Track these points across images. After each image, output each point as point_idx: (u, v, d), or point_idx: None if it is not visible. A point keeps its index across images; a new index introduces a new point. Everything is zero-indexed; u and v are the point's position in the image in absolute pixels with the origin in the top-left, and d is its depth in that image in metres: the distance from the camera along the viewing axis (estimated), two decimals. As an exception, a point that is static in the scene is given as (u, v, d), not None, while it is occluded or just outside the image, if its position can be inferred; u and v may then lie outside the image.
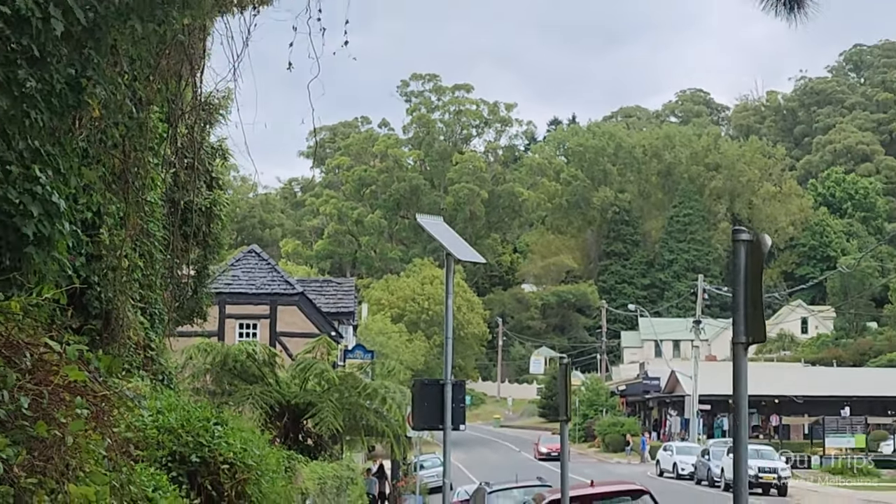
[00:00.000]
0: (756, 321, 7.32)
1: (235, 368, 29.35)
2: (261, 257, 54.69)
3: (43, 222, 7.48)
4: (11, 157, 7.45)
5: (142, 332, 18.63)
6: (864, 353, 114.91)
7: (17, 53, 7.30)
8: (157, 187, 19.05)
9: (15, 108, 7.31)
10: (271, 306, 49.99)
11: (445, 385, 24.46)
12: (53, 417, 4.70)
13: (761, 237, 7.46)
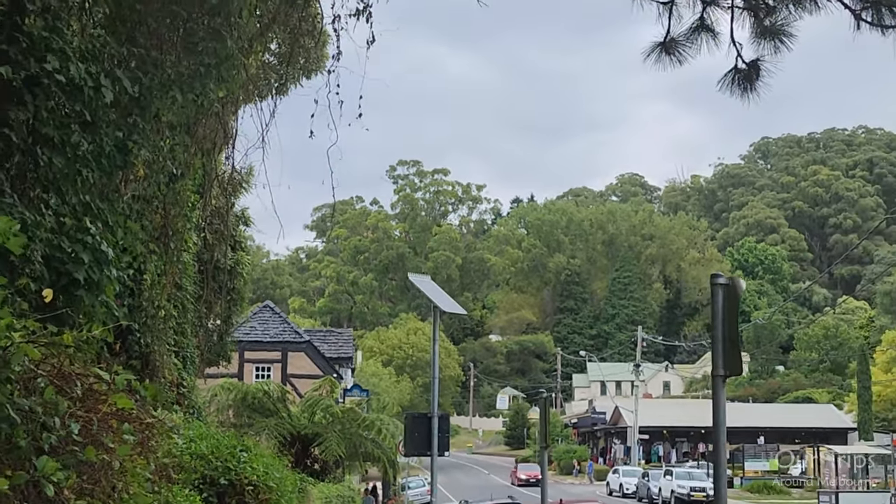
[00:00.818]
0: (732, 356, 6.83)
1: (254, 404, 28.93)
2: (274, 311, 54.50)
3: (92, 268, 6.97)
4: (65, 211, 7.00)
5: (175, 372, 18.21)
6: (774, 391, 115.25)
7: (71, 118, 6.91)
8: (190, 248, 18.60)
9: (69, 167, 6.91)
10: (283, 352, 49.62)
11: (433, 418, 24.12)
12: (102, 443, 4.17)
13: (736, 281, 6.99)
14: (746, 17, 10.02)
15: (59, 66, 6.81)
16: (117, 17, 7.51)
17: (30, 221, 6.60)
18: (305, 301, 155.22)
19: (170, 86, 7.64)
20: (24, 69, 6.73)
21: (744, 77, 10.07)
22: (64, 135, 6.95)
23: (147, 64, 7.58)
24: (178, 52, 7.67)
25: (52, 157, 6.93)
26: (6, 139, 6.71)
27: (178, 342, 18.74)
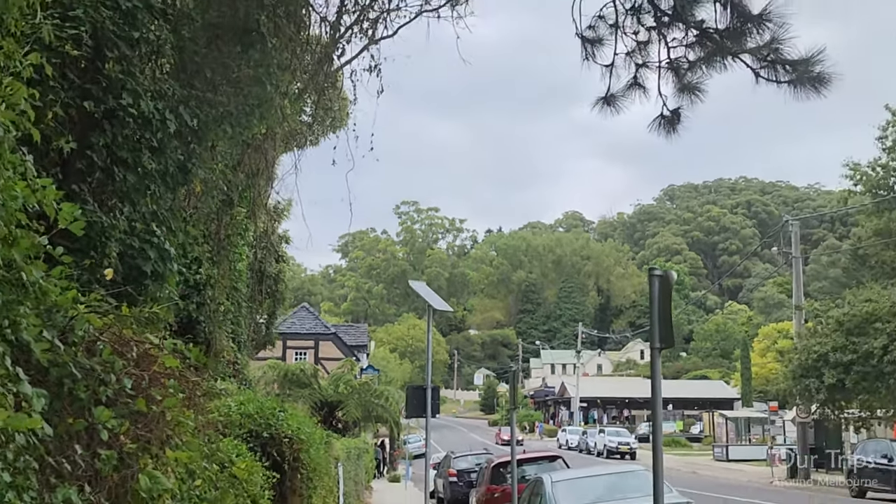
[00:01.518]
0: (667, 331, 6.33)
1: (292, 378, 28.45)
2: (309, 311, 54.24)
3: (157, 263, 6.48)
4: (136, 217, 6.49)
5: (232, 353, 17.74)
6: (679, 371, 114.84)
7: (142, 144, 6.44)
8: (244, 260, 18.12)
9: (139, 183, 6.44)
10: (315, 341, 49.19)
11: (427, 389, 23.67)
12: (151, 396, 3.66)
13: (668, 273, 6.51)
14: (670, 75, 9.60)
15: (132, 102, 6.40)
16: (180, 66, 7.04)
17: (106, 224, 6.15)
18: (333, 304, 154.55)
19: (221, 121, 7.19)
20: (103, 104, 6.31)
21: (668, 122, 9.61)
22: (136, 157, 6.52)
23: (203, 103, 7.11)
24: (228, 95, 7.21)
25: (126, 175, 6.48)
26: (89, 159, 6.27)
27: (234, 330, 18.27)
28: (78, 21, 6.08)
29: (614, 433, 63.13)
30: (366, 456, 32.15)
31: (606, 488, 13.16)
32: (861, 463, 31.01)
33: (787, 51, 8.43)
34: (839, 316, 35.38)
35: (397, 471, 44.47)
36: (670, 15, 9.00)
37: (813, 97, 8.86)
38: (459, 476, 30.65)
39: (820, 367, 34.66)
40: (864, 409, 38.42)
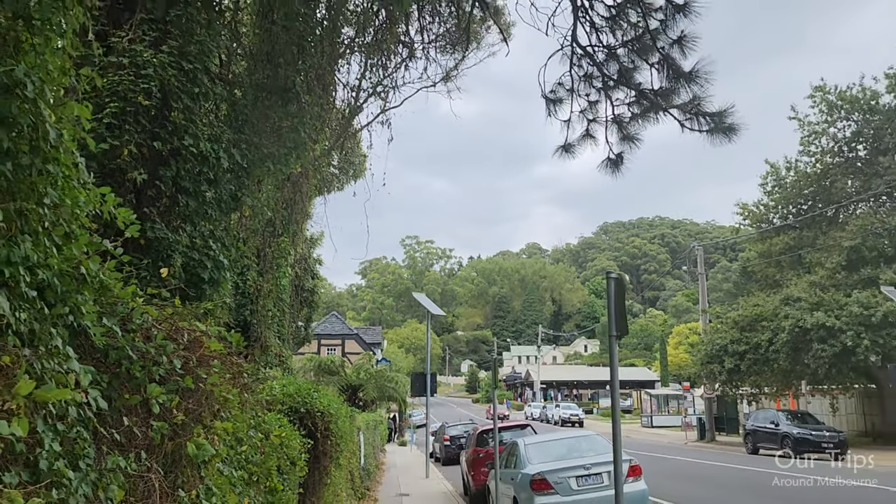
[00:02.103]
0: (621, 322, 5.86)
1: (324, 368, 27.75)
2: (337, 317, 53.59)
3: (213, 271, 5.98)
4: (197, 235, 5.95)
5: (278, 348, 17.14)
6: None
7: (201, 176, 5.94)
8: (286, 277, 17.59)
9: (199, 208, 5.96)
10: (342, 339, 48.52)
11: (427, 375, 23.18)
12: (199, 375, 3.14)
13: (622, 276, 6.05)
14: (615, 127, 9.21)
15: (193, 143, 5.93)
16: (232, 115, 6.58)
17: (171, 239, 5.64)
18: (355, 313, 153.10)
19: (265, 160, 6.73)
20: (169, 144, 5.88)
21: (613, 164, 9.20)
22: (196, 187, 6.05)
23: (251, 146, 6.65)
24: (270, 139, 6.76)
25: (188, 201, 6.01)
26: (157, 188, 5.81)
27: (279, 331, 17.72)
28: (148, 78, 5.63)
29: (566, 407, 63.75)
30: (381, 426, 31.53)
31: (567, 449, 12.69)
32: (754, 428, 30.44)
33: (706, 106, 8.06)
34: (735, 317, 35.01)
35: (405, 437, 43.79)
36: (615, 79, 8.62)
37: (725, 143, 8.49)
38: (452, 441, 30.20)
39: (721, 355, 34.24)
40: (755, 387, 37.99)
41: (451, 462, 28.72)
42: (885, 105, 34.17)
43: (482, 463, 16.50)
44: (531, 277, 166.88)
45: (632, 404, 77.75)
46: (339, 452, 11.16)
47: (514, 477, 12.39)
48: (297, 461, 8.03)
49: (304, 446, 8.55)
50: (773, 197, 38.93)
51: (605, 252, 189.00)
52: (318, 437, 9.80)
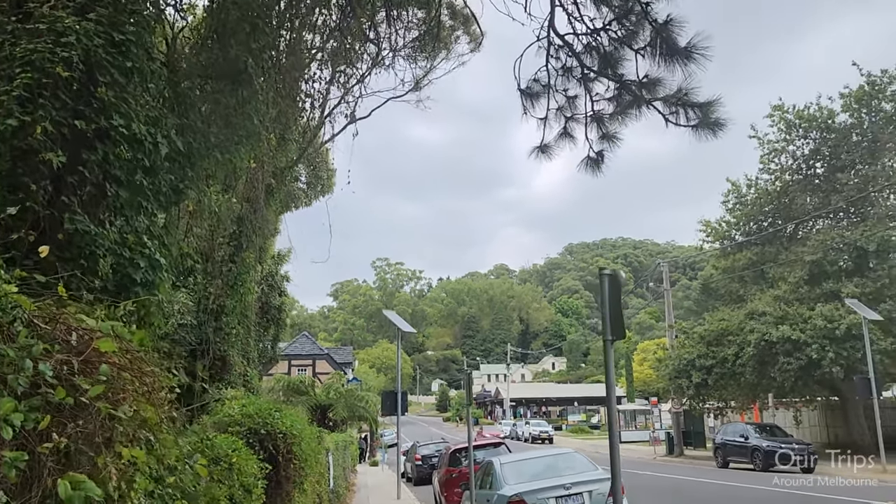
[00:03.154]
0: (617, 325, 5.01)
1: (294, 388, 26.42)
2: (308, 338, 52.16)
3: (147, 272, 4.97)
4: (129, 231, 4.97)
5: (242, 367, 16.03)
6: (581, 376, 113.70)
7: (134, 164, 5.00)
8: (252, 293, 16.51)
9: (132, 199, 5.01)
10: (313, 360, 47.10)
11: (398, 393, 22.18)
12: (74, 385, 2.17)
13: (617, 273, 5.21)
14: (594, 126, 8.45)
15: (124, 124, 4.95)
16: (174, 98, 5.63)
17: (94, 233, 4.67)
18: (327, 334, 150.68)
19: (211, 149, 5.77)
20: (94, 123, 4.88)
21: (593, 162, 8.42)
22: (129, 175, 5.11)
23: (196, 132, 5.70)
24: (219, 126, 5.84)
25: (118, 191, 5.00)
26: (80, 175, 4.80)
27: (244, 349, 16.59)
28: (69, 46, 4.70)
29: (536, 424, 63.06)
30: (351, 446, 30.36)
31: (545, 467, 11.80)
32: (724, 441, 29.80)
33: (694, 96, 7.33)
34: (701, 332, 34.55)
35: (376, 457, 42.52)
36: (595, 70, 7.86)
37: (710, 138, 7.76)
38: (423, 460, 29.20)
39: (689, 370, 33.71)
40: (721, 401, 37.51)
41: (422, 482, 27.63)
42: (841, 123, 34.23)
43: (455, 483, 15.50)
44: (499, 297, 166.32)
45: (600, 420, 77.13)
46: (304, 477, 10.15)
47: (490, 498, 11.44)
48: (253, 488, 7.03)
49: (262, 471, 7.57)
50: (735, 214, 38.76)
51: (570, 272, 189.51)
52: (279, 461, 8.85)
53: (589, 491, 10.55)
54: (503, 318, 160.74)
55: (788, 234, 36.99)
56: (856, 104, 33.61)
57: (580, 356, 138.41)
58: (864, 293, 29.32)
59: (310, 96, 14.25)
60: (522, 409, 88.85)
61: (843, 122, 34.20)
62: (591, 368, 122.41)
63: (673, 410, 40.00)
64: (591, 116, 8.42)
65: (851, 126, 34.07)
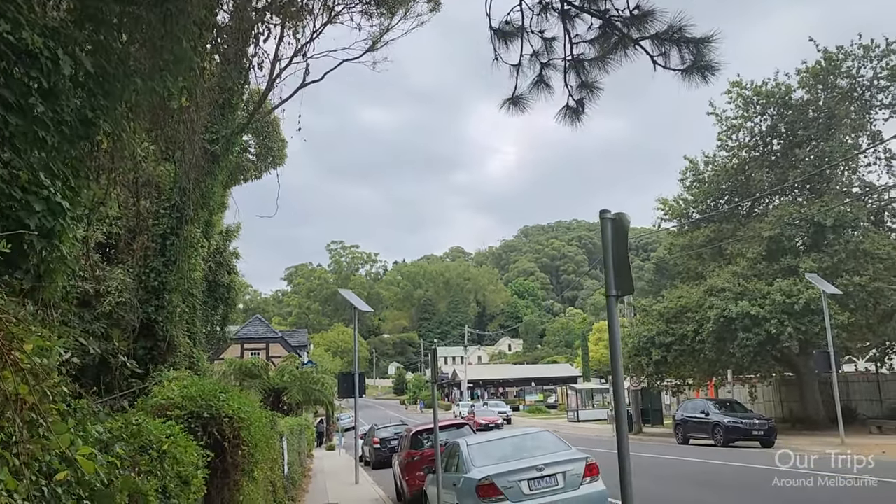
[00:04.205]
0: (624, 277, 4.22)
1: (246, 371, 25.18)
2: (261, 321, 50.63)
3: (46, 217, 3.95)
4: (21, 165, 3.94)
5: (188, 348, 14.92)
6: (537, 357, 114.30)
7: (28, 84, 3.96)
8: (198, 269, 15.37)
9: (26, 128, 3.98)
10: (266, 343, 45.71)
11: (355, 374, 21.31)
12: None
13: (622, 216, 4.39)
14: (573, 73, 7.65)
15: (12, 30, 3.90)
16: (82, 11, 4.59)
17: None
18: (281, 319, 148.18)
19: (131, 74, 4.75)
20: (-27, 28, 3.75)
21: (573, 112, 7.63)
22: (21, 98, 4.06)
23: (111, 53, 4.67)
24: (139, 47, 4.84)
25: (6, 116, 3.93)
26: (-44, 93, 3.71)
27: (190, 329, 15.49)
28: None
29: (494, 405, 62.34)
30: (307, 431, 29.40)
31: (514, 448, 11.09)
32: (684, 417, 29.68)
33: (687, 32, 6.57)
34: (661, 309, 34.43)
35: (333, 441, 41.65)
36: (577, 6, 7.04)
37: (700, 84, 7.01)
38: (382, 443, 28.46)
39: (649, 347, 33.60)
40: (678, 379, 37.58)
41: (381, 466, 26.88)
42: (798, 100, 34.23)
43: (417, 467, 14.72)
44: (455, 280, 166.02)
45: (556, 400, 77.43)
46: (254, 463, 9.21)
47: (457, 482, 10.68)
48: (192, 479, 6.09)
49: (203, 459, 6.64)
50: (693, 192, 38.63)
51: (526, 254, 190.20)
52: (225, 448, 7.91)
53: (563, 472, 9.87)
54: (459, 301, 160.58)
55: (746, 210, 37.04)
56: (812, 80, 33.63)
57: (536, 337, 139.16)
58: (821, 268, 29.41)
59: (257, 56, 13.18)
60: (480, 390, 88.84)
61: (801, 99, 34.21)
62: (547, 349, 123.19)
63: (632, 388, 39.97)
64: (571, 62, 7.60)
65: (808, 102, 34.10)
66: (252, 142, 18.90)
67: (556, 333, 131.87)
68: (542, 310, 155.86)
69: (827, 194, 32.40)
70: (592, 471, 10.05)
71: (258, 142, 18.70)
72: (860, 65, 32.98)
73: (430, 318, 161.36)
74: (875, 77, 32.86)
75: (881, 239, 31.71)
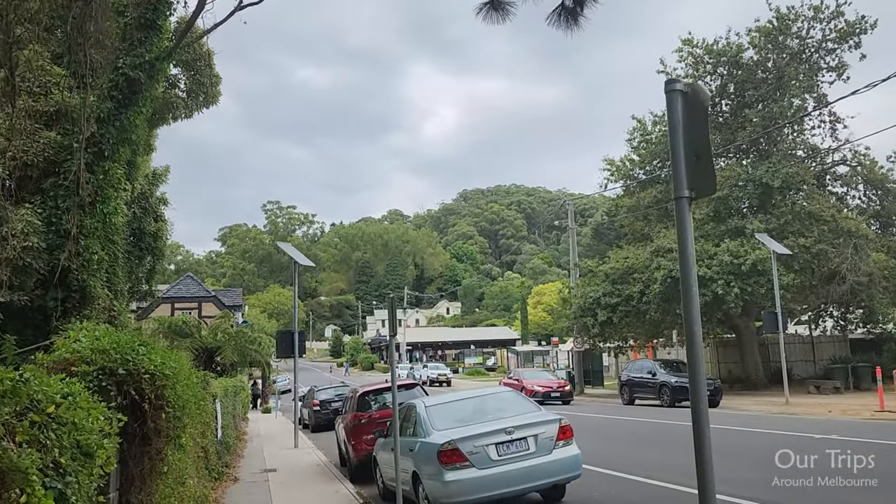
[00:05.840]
0: (701, 172, 3.07)
1: (175, 329, 23.34)
2: (193, 279, 48.26)
3: None
4: None
5: (107, 301, 13.27)
6: (476, 321, 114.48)
7: None
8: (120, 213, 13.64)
9: None
10: (199, 303, 43.64)
11: (295, 332, 19.96)
12: None
13: (697, 86, 3.22)
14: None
15: None
16: None
17: None
18: (215, 279, 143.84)
19: None
20: None
21: (569, 13, 6.43)
22: None
23: None
24: None
25: None
26: None
27: (111, 280, 13.78)
28: None
29: (434, 367, 62.66)
30: (243, 393, 27.94)
31: (476, 409, 10.07)
32: (630, 378, 29.40)
33: None
34: (607, 270, 34.00)
35: (269, 404, 40.28)
36: None
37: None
38: (322, 406, 27.31)
39: (594, 308, 33.18)
40: (621, 340, 37.47)
41: (321, 429, 25.74)
42: (748, 59, 33.86)
43: (366, 430, 13.57)
44: (394, 243, 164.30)
45: (496, 362, 77.60)
46: (182, 428, 7.83)
47: (413, 447, 9.59)
48: (94, 451, 4.74)
49: (113, 426, 5.28)
50: (640, 152, 38.15)
51: (465, 218, 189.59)
52: (146, 410, 6.53)
53: (534, 435, 8.87)
54: (398, 264, 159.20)
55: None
56: (763, 40, 33.25)
57: (475, 301, 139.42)
58: (767, 229, 29.31)
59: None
60: (419, 352, 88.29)
61: (751, 59, 33.85)
62: (485, 313, 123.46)
63: (575, 349, 39.74)
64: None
65: (758, 63, 33.77)
66: (182, 76, 17.06)
67: (494, 297, 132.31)
68: (481, 273, 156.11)
69: (774, 156, 32.27)
70: (566, 433, 9.09)
71: (189, 76, 16.87)
72: (810, 26, 32.76)
73: (367, 280, 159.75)
74: (824, 39, 32.70)
75: (824, 201, 31.87)
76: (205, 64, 16.86)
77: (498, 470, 8.55)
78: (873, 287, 29.63)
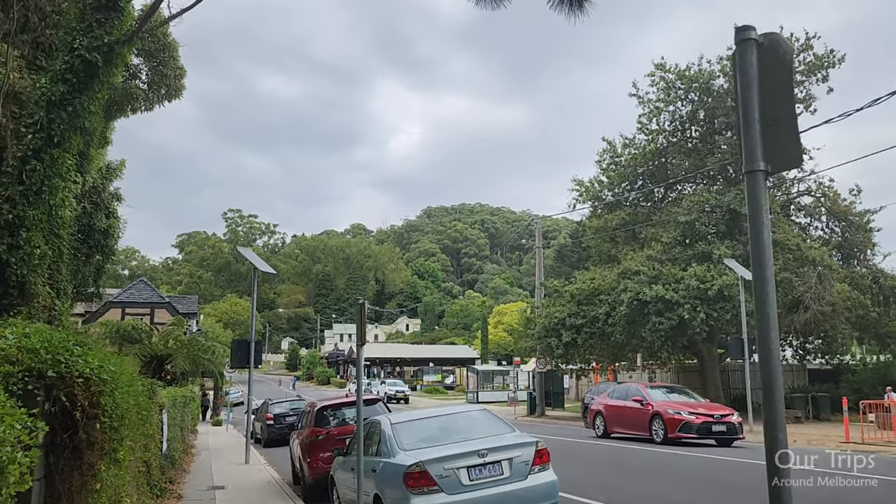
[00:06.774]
0: (782, 141, 2.46)
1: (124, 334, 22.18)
2: (146, 284, 46.59)
3: None
4: None
5: (49, 299, 12.29)
6: (435, 338, 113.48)
7: None
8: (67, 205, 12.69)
9: None
10: (151, 309, 41.97)
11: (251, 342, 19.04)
12: None
13: (777, 37, 2.59)
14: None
15: None
16: None
17: None
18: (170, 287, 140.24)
19: None
20: None
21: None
22: None
23: None
24: None
25: None
26: None
27: (53, 276, 12.79)
28: None
29: (392, 383, 61.82)
30: (193, 404, 26.72)
31: (444, 429, 9.36)
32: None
33: None
34: (573, 290, 33.63)
35: (220, 416, 38.85)
36: None
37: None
38: (276, 420, 26.28)
39: (559, 329, 32.74)
40: (584, 362, 37.12)
41: (274, 444, 24.69)
42: (719, 87, 34.08)
43: (323, 447, 12.75)
44: (356, 257, 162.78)
45: (454, 381, 76.78)
46: (119, 440, 6.99)
47: (376, 467, 8.85)
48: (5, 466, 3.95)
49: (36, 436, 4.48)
50: (609, 174, 38.08)
51: (428, 235, 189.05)
52: (77, 419, 5.73)
53: (509, 458, 8.22)
54: (359, 278, 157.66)
55: (662, 195, 36.80)
56: (731, 69, 33.49)
57: (435, 318, 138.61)
58: (734, 255, 29.29)
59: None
60: (377, 368, 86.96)
61: (721, 87, 34.08)
62: (445, 331, 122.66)
63: (537, 370, 39.23)
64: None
65: (727, 91, 34.00)
66: (144, 66, 16.18)
67: (455, 315, 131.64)
68: (442, 291, 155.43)
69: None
70: (543, 457, 8.45)
71: (151, 66, 16.00)
72: (780, 57, 33.10)
73: (327, 294, 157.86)
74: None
75: (790, 230, 32.03)
76: (168, 55, 16.02)
77: (469, 496, 7.86)
78: (836, 317, 29.74)
